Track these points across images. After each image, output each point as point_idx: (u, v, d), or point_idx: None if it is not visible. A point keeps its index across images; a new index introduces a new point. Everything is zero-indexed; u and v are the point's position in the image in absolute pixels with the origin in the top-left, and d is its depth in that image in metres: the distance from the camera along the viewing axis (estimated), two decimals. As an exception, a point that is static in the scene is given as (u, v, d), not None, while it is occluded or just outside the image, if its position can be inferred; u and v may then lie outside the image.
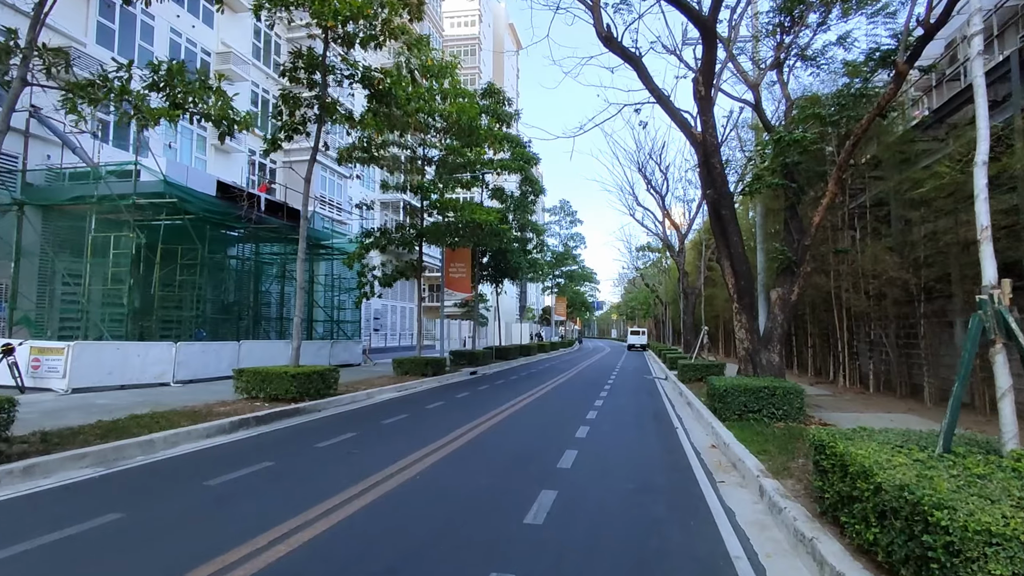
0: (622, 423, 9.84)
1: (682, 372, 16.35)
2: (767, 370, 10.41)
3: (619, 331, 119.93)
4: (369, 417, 10.28)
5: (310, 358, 19.65)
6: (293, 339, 11.97)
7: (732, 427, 8.15)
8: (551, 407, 11.91)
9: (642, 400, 13.44)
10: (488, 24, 66.77)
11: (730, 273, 10.59)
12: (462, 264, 20.66)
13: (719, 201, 10.17)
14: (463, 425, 9.15)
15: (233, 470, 6.15)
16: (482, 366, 23.27)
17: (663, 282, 46.45)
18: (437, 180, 18.43)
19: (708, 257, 25.66)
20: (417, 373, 17.66)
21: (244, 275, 22.22)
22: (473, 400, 12.89)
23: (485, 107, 20.90)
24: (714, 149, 9.93)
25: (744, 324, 10.56)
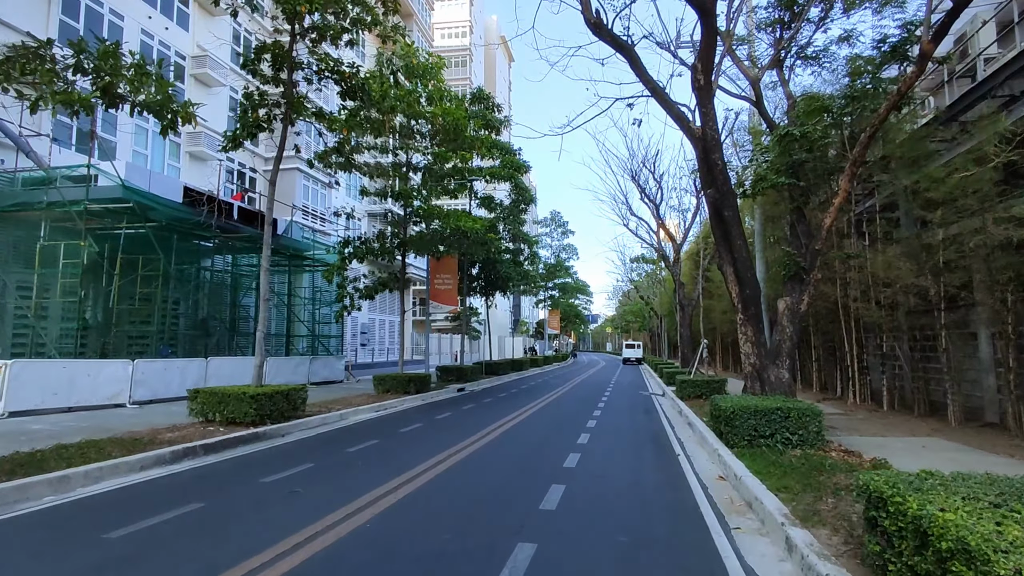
0: (617, 449, 8.80)
1: (680, 388, 15.34)
2: (776, 388, 9.42)
3: (614, 344, 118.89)
4: (334, 443, 9.20)
5: (287, 376, 18.56)
6: (255, 356, 10.90)
7: (742, 455, 7.13)
8: (540, 429, 10.86)
9: (639, 420, 12.41)
10: (479, 36, 66.46)
11: (733, 280, 9.64)
12: (448, 275, 19.66)
13: (721, 201, 9.24)
14: (438, 453, 8.09)
15: (149, 515, 5.08)
16: (471, 382, 22.18)
17: (658, 294, 45.58)
18: (422, 187, 17.48)
19: (705, 267, 24.78)
20: (399, 391, 16.57)
21: (220, 288, 21.16)
22: (455, 421, 11.83)
23: (473, 113, 20.06)
24: (715, 144, 9.03)
25: (750, 337, 9.58)
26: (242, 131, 10.75)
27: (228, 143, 10.77)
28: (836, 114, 9.84)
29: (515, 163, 22.76)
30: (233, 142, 10.80)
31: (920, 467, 6.91)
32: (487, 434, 9.94)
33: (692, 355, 26.12)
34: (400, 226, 17.55)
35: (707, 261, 18.59)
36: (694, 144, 9.51)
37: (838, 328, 14.57)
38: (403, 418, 12.41)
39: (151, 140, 19.87)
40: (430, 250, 17.20)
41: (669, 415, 13.21)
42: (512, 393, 19.25)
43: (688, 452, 8.48)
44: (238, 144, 10.88)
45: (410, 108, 15.81)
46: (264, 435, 9.61)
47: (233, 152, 23.85)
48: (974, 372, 10.43)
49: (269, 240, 11.20)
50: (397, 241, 16.85)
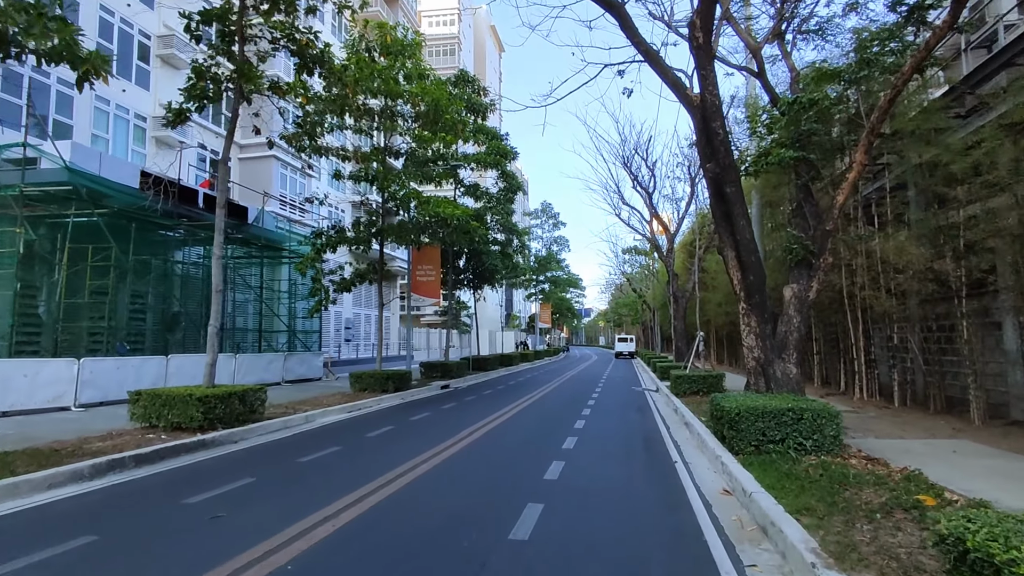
0: (606, 455, 7.82)
1: (675, 384, 14.40)
2: (783, 384, 8.48)
3: (607, 338, 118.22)
4: (289, 451, 8.17)
5: (258, 374, 17.48)
6: (207, 353, 9.84)
7: (750, 464, 6.17)
8: (522, 431, 9.88)
9: (631, 420, 11.45)
10: (468, 25, 65.15)
11: (735, 266, 8.66)
12: (430, 267, 18.62)
13: (722, 176, 8.25)
14: (401, 463, 7.09)
15: (25, 553, 4.05)
16: (456, 379, 21.18)
17: (651, 286, 44.71)
18: (402, 173, 16.39)
19: (701, 257, 23.83)
20: (376, 389, 15.55)
21: (192, 282, 20.03)
22: (430, 423, 10.83)
23: (455, 95, 18.97)
24: (716, 110, 8.03)
25: (753, 328, 8.62)
26: (188, 100, 9.65)
27: (173, 117, 9.67)
28: (850, 78, 8.84)
29: (502, 149, 21.71)
30: (178, 116, 9.70)
31: (956, 476, 6.00)
32: (463, 438, 8.94)
33: (687, 348, 25.24)
34: (378, 214, 16.46)
35: (702, 251, 17.70)
36: (692, 113, 8.50)
37: (842, 318, 13.66)
38: (375, 420, 11.39)
39: (112, 124, 18.66)
40: (410, 239, 16.13)
41: (664, 413, 12.27)
42: (498, 390, 18.27)
43: (686, 458, 7.52)
44: (183, 118, 9.78)
45: (385, 86, 14.72)
46: (213, 442, 8.57)
47: (206, 139, 22.69)
48: (997, 365, 9.54)
49: (221, 226, 10.12)
50: (373, 230, 15.76)
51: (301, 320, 23.22)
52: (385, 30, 15.39)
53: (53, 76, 16.59)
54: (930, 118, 9.60)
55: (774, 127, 9.68)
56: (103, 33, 18.22)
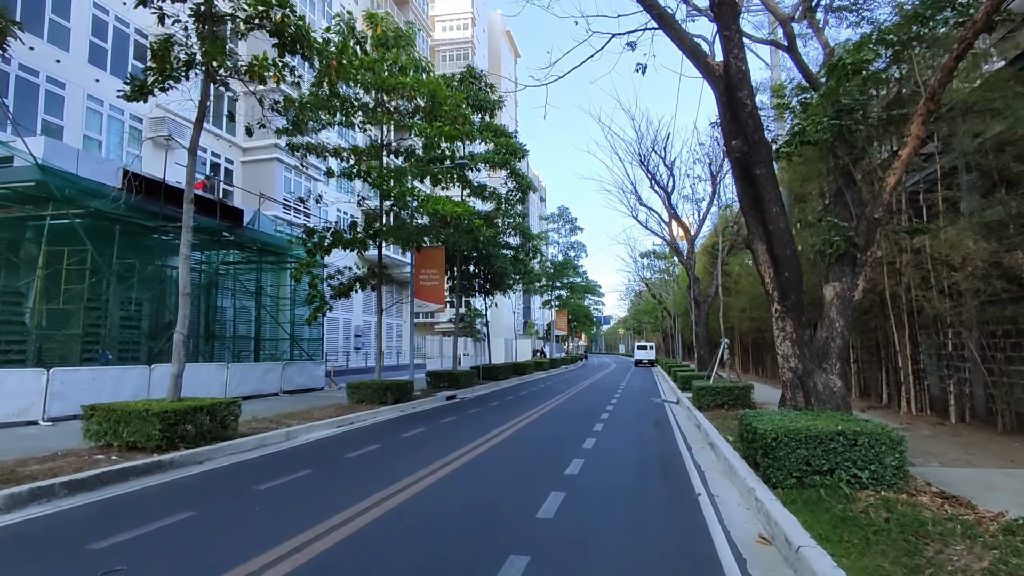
0: (617, 484, 6.63)
1: (697, 396, 13.10)
2: (825, 399, 7.21)
3: (627, 346, 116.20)
4: (250, 476, 7.13)
5: (253, 384, 16.59)
6: (172, 363, 8.87)
7: (792, 502, 4.95)
8: (523, 451, 8.72)
9: (648, 438, 10.21)
10: (483, 29, 64.62)
11: (767, 261, 7.43)
12: (434, 270, 17.59)
13: (750, 155, 7.06)
14: (372, 494, 5.99)
15: None
16: (464, 388, 20.10)
17: (672, 292, 43.20)
18: (399, 170, 15.42)
19: (724, 259, 22.46)
20: (374, 401, 14.53)
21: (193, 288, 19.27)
22: (422, 441, 9.72)
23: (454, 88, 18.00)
24: (742, 78, 6.86)
25: (789, 334, 7.37)
26: (151, 72, 8.76)
27: (134, 92, 8.77)
28: (900, 39, 7.56)
29: (511, 146, 20.67)
30: (139, 92, 8.80)
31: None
32: (453, 460, 7.82)
33: (709, 357, 23.82)
34: (376, 215, 15.50)
35: (725, 251, 16.38)
36: (714, 85, 7.34)
37: (884, 323, 12.27)
38: (363, 436, 10.33)
39: (106, 125, 18.05)
40: (410, 240, 15.13)
41: (685, 430, 11.00)
42: (507, 401, 17.11)
43: (712, 489, 6.29)
44: (144, 94, 8.88)
45: (377, 79, 13.79)
46: (171, 464, 7.57)
47: (206, 141, 22.04)
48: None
49: (189, 223, 9.21)
50: (371, 231, 14.78)
51: (304, 327, 22.40)
52: (375, 20, 14.47)
53: (42, 75, 16.00)
54: (996, 87, 8.29)
55: (809, 106, 8.44)
56: (96, 31, 17.65)
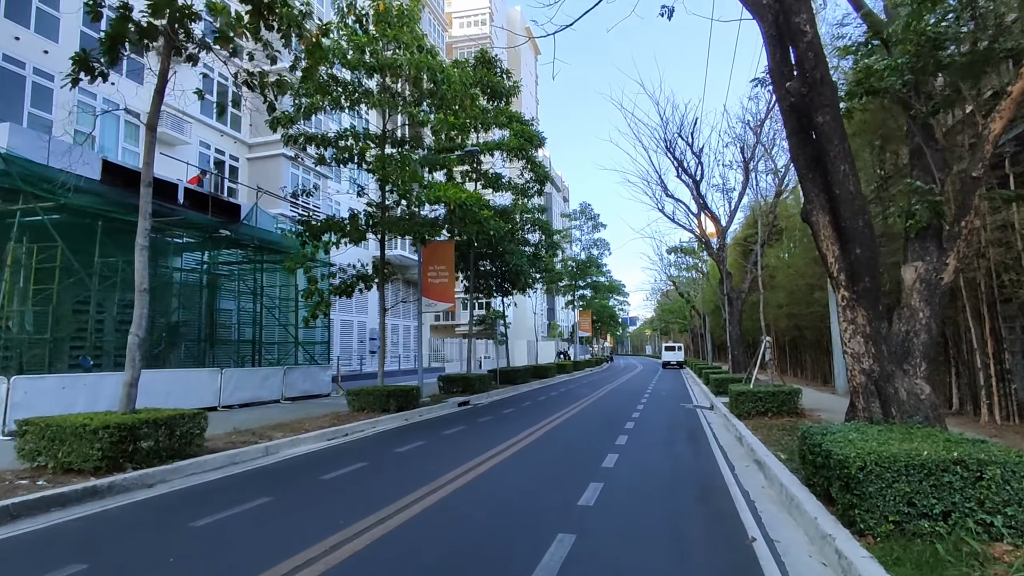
0: (642, 521, 5.19)
1: (736, 403, 11.49)
2: (909, 410, 5.65)
3: (654, 347, 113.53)
4: (196, 506, 5.88)
5: (252, 390, 15.50)
6: (126, 370, 7.70)
7: (897, 562, 3.46)
8: (529, 473, 7.32)
9: (680, 454, 8.70)
10: (501, 25, 63.42)
11: (830, 236, 5.90)
12: (443, 267, 16.29)
13: (810, 99, 5.56)
14: (332, 533, 4.66)
15: None
16: (479, 394, 18.75)
17: (701, 289, 41.23)
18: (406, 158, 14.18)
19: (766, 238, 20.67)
20: (376, 409, 13.28)
21: (191, 290, 18.42)
22: (416, 458, 8.39)
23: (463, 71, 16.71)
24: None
25: (861, 328, 5.83)
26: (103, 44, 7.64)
27: (76, 67, 7.65)
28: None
29: (527, 133, 19.30)
30: (83, 65, 7.67)
31: None
32: (444, 485, 6.45)
33: (744, 357, 22.05)
34: (377, 206, 14.26)
35: (766, 236, 14.71)
36: (759, 16, 5.86)
37: (956, 314, 10.54)
38: (351, 452, 9.05)
39: (100, 120, 17.22)
40: (412, 232, 13.84)
41: (724, 443, 9.44)
42: (523, 408, 15.71)
43: (769, 530, 4.80)
44: (92, 70, 7.75)
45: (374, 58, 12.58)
46: (110, 489, 6.38)
47: (208, 136, 21.18)
48: None
49: (147, 209, 8.04)
50: (372, 221, 13.54)
51: (312, 331, 21.35)
52: (376, -4, 13.25)
53: (29, 67, 15.21)
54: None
55: (875, 46, 6.86)
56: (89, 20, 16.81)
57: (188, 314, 18.47)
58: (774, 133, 20.67)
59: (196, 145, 20.32)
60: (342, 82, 14.08)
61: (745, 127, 21.58)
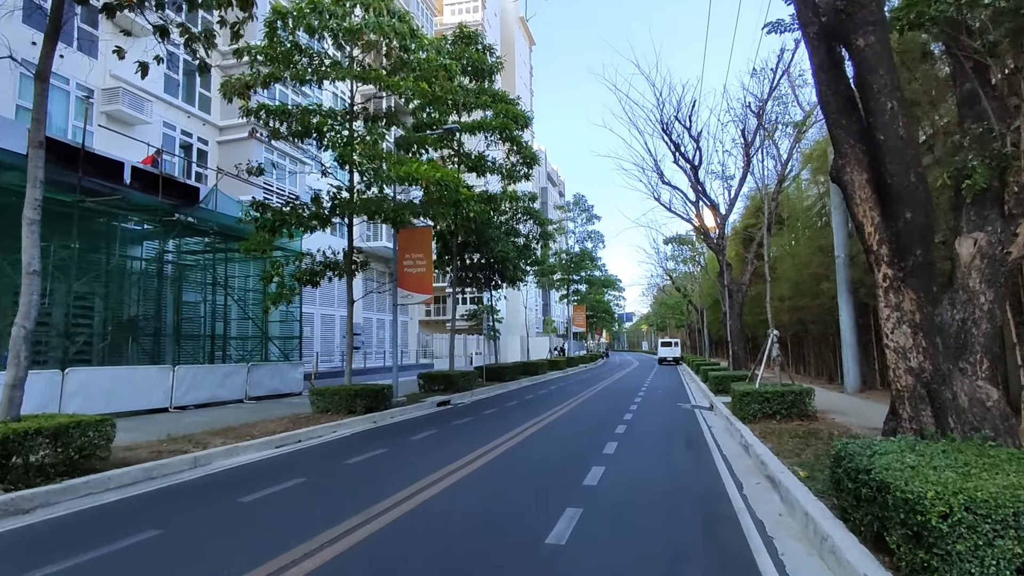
0: (632, 563, 3.92)
1: (739, 403, 10.22)
2: (973, 420, 4.40)
3: (650, 343, 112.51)
4: (61, 542, 4.58)
5: (211, 389, 14.19)
6: (8, 369, 6.38)
7: None
8: (500, 489, 6.04)
9: (677, 467, 7.43)
10: (495, 14, 61.96)
11: (870, 198, 4.64)
12: (420, 255, 14.98)
13: (848, 15, 4.28)
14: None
15: None
16: (462, 392, 17.49)
17: (699, 283, 40.03)
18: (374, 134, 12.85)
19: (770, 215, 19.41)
20: (342, 410, 12.00)
21: (152, 281, 17.07)
22: (369, 472, 7.11)
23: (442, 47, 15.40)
24: None
25: (909, 315, 4.57)
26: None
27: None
28: None
29: (513, 112, 17.98)
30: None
31: None
32: (388, 509, 5.17)
33: (745, 353, 20.84)
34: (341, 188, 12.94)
35: (767, 227, 13.47)
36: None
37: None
38: (295, 463, 7.77)
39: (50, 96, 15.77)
40: (380, 214, 12.52)
41: (728, 452, 8.18)
42: (507, 408, 14.45)
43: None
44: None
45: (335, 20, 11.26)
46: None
47: (175, 118, 19.79)
48: None
49: (37, 176, 6.70)
50: (334, 204, 12.20)
51: (284, 325, 20.04)
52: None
53: (-38, 34, 13.78)
54: None
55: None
56: None
57: (149, 307, 17.15)
58: (776, 116, 19.43)
59: (159, 126, 18.92)
60: (307, 51, 12.77)
61: (746, 109, 20.31)
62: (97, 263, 14.24)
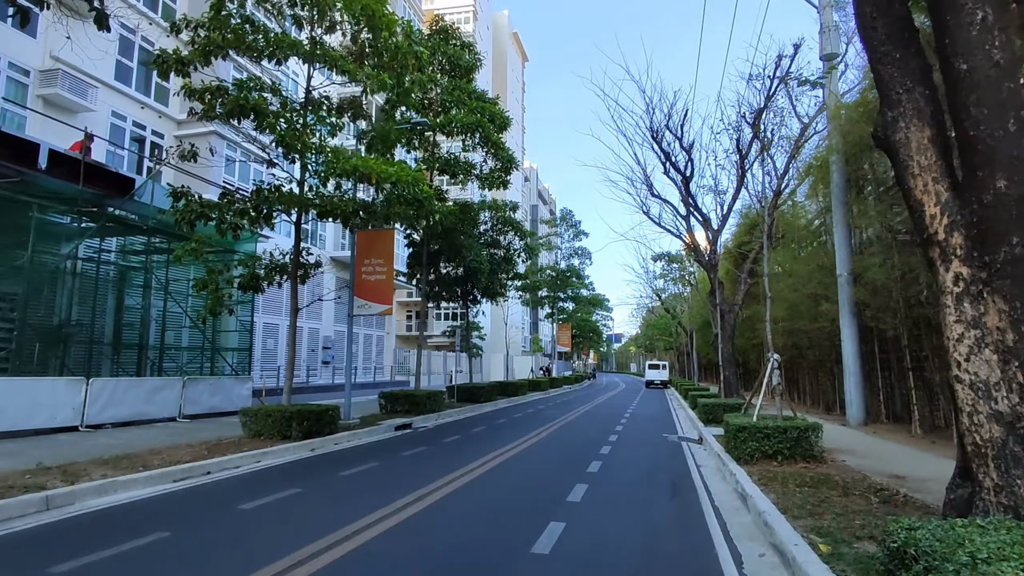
0: None
1: (734, 440, 8.68)
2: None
3: (639, 365, 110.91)
4: None
5: (134, 406, 12.46)
6: None
7: None
8: (428, 550, 4.46)
9: (658, 526, 5.87)
10: (487, 27, 61.38)
11: (935, 164, 3.19)
12: (380, 261, 13.45)
13: None
14: None
15: None
16: (427, 414, 15.88)
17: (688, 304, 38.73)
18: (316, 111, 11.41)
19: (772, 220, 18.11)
20: (274, 435, 10.36)
21: (89, 283, 15.38)
22: (261, 524, 5.51)
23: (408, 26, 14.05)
24: None
25: (996, 334, 3.11)
26: None
27: None
28: None
29: (491, 112, 16.65)
30: None
31: None
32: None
33: (736, 379, 19.37)
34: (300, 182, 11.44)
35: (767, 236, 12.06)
36: None
37: None
38: (178, 506, 6.14)
39: (-25, 75, 14.27)
40: (334, 214, 11.01)
41: (720, 502, 6.64)
42: (472, 435, 12.84)
43: None
44: None
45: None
46: None
47: (124, 107, 18.29)
48: None
49: None
50: (270, 197, 10.65)
51: (237, 335, 18.33)
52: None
53: None
54: None
55: None
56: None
57: (83, 311, 15.43)
58: (772, 128, 18.27)
59: (106, 115, 17.39)
60: (259, 28, 11.36)
61: (741, 119, 19.13)
62: (14, 260, 12.60)
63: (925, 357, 12.06)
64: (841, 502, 5.83)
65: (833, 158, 13.63)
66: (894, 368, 13.88)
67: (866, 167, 13.41)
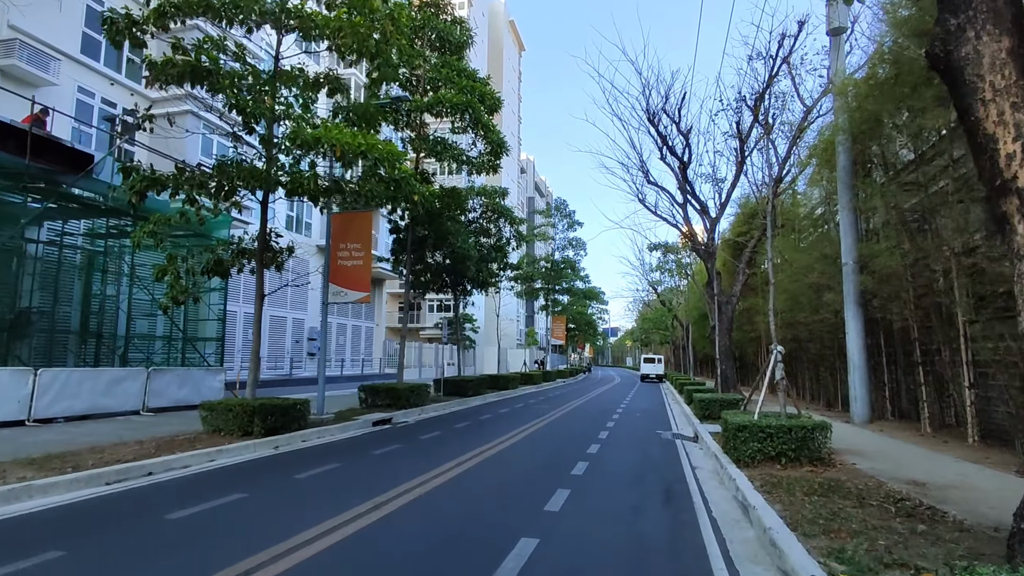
0: None
1: (733, 441, 7.88)
2: None
3: (635, 359, 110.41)
4: None
5: (90, 399, 11.61)
6: None
7: None
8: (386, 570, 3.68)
9: (649, 537, 5.09)
10: (482, 13, 60.23)
11: (1015, 87, 2.37)
12: (357, 245, 12.61)
13: None
14: None
15: None
16: (410, 408, 15.08)
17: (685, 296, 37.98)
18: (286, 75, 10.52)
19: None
20: (235, 431, 9.54)
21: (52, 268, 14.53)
22: (186, 541, 4.69)
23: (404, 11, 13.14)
24: None
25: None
26: None
27: None
28: None
29: (481, 91, 15.76)
30: None
31: None
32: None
33: (734, 373, 18.62)
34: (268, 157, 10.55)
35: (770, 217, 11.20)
36: None
37: None
38: (92, 515, 5.33)
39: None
40: (300, 190, 10.14)
41: (718, 512, 5.84)
42: (454, 431, 12.06)
43: None
44: None
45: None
46: None
47: (92, 82, 17.34)
48: None
49: None
50: (233, 172, 9.77)
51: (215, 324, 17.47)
52: None
53: None
54: None
55: None
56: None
57: (44, 297, 14.56)
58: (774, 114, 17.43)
59: (71, 91, 16.44)
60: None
61: (741, 103, 18.26)
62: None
63: (936, 350, 11.29)
64: (858, 515, 5.05)
65: (840, 138, 12.81)
66: (901, 362, 13.12)
67: (875, 148, 12.60)
